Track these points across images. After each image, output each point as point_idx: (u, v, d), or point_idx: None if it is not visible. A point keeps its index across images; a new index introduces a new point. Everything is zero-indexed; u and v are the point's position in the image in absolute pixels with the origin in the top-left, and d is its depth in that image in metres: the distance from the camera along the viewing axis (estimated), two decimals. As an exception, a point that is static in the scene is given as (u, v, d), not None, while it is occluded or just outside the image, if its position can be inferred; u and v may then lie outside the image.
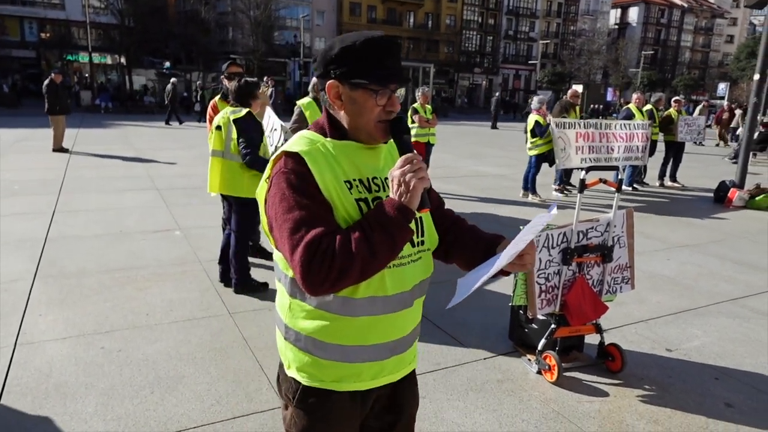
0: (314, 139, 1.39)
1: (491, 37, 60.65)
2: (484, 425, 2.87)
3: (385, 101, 1.36)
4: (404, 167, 1.28)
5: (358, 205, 1.35)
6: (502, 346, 3.75)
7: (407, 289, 1.44)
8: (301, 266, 1.23)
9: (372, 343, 1.44)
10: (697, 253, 6.28)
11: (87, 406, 2.88)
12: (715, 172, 12.77)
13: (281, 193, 1.30)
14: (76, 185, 8.71)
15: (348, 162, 1.38)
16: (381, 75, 1.34)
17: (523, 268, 1.46)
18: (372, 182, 1.41)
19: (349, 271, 1.23)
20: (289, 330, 1.46)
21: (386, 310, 1.42)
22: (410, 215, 1.28)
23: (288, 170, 1.31)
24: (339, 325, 1.39)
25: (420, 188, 1.28)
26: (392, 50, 1.37)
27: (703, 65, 76.32)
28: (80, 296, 4.29)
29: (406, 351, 1.54)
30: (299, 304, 1.42)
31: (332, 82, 1.36)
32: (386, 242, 1.26)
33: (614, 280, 3.55)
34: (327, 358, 1.43)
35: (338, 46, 1.35)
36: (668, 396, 3.21)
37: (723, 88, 50.71)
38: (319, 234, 1.24)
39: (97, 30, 36.81)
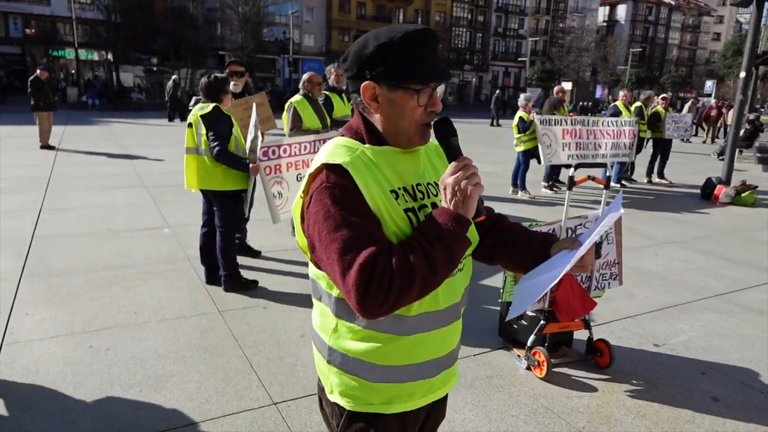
0: (353, 147, 1.28)
1: (481, 34, 60.73)
2: (473, 421, 2.89)
3: (426, 101, 1.26)
4: (457, 173, 1.19)
5: (408, 217, 1.26)
6: (492, 342, 3.76)
7: (458, 300, 1.38)
8: (357, 290, 1.12)
9: (423, 360, 1.36)
10: (684, 249, 6.35)
11: (75, 405, 2.85)
12: (702, 169, 12.91)
13: (326, 210, 1.19)
14: (63, 183, 8.62)
15: (390, 170, 1.28)
16: (422, 72, 1.24)
17: (582, 270, 1.38)
18: (416, 189, 1.32)
19: (408, 291, 1.14)
20: (335, 352, 1.36)
21: (438, 324, 1.35)
22: (467, 225, 1.20)
23: (331, 184, 1.20)
24: (391, 345, 1.31)
25: (476, 195, 1.20)
26: (432, 44, 1.27)
27: (690, 63, 77.00)
28: (68, 295, 4.26)
29: (453, 365, 1.48)
30: (346, 325, 1.32)
31: (368, 83, 1.26)
32: (445, 256, 1.18)
33: (602, 276, 3.58)
34: (376, 381, 1.33)
35: (373, 43, 1.24)
36: (656, 390, 3.24)
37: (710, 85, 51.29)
38: (373, 253, 1.14)
39: (84, 26, 36.36)
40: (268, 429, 2.75)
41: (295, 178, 4.61)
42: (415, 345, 1.33)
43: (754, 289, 5.09)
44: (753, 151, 16.88)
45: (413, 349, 1.33)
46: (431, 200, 1.33)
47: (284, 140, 4.74)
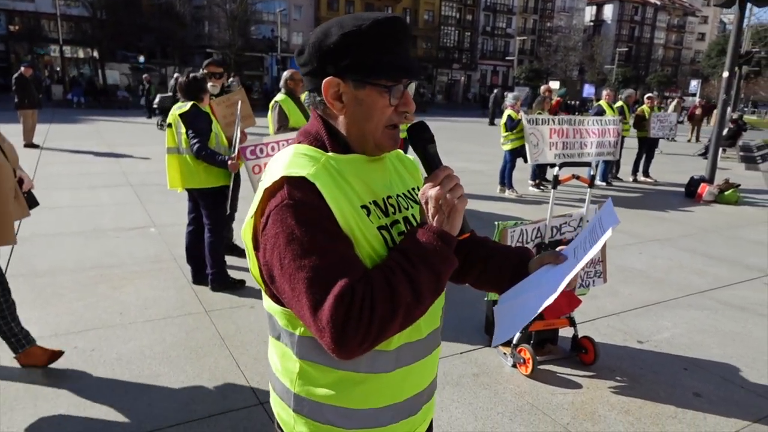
0: (315, 155, 1.09)
1: (469, 33, 60.92)
2: (460, 418, 2.91)
3: (398, 100, 1.10)
4: (441, 186, 1.04)
5: (382, 235, 1.09)
6: (478, 339, 3.79)
7: (438, 325, 1.24)
8: (334, 328, 0.94)
9: (406, 397, 1.19)
10: (668, 246, 6.43)
11: (59, 407, 2.83)
12: (686, 168, 13.06)
13: (289, 233, 0.99)
14: (47, 182, 8.51)
15: (359, 181, 1.10)
16: (394, 66, 1.07)
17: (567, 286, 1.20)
18: (387, 203, 1.15)
19: (391, 323, 0.98)
20: (302, 401, 1.15)
21: (421, 355, 1.19)
22: (454, 243, 1.05)
23: (295, 201, 1.00)
24: (369, 386, 1.13)
25: (462, 210, 1.06)
26: (405, 35, 1.10)
27: (675, 62, 77.86)
28: (53, 295, 4.21)
29: (433, 397, 1.31)
30: (314, 366, 1.12)
31: (330, 79, 1.07)
32: (431, 280, 1.01)
33: (587, 274, 3.62)
34: (354, 427, 1.15)
35: (337, 32, 1.06)
36: (639, 386, 3.29)
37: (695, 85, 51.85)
38: (349, 283, 0.96)
39: (68, 22, 35.94)
40: (254, 429, 2.75)
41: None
42: (396, 382, 1.15)
43: (736, 286, 5.17)
44: (736, 150, 17.13)
45: (396, 387, 1.16)
46: (402, 215, 1.17)
47: (270, 138, 4.73)
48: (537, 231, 3.37)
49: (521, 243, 3.34)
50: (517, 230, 3.30)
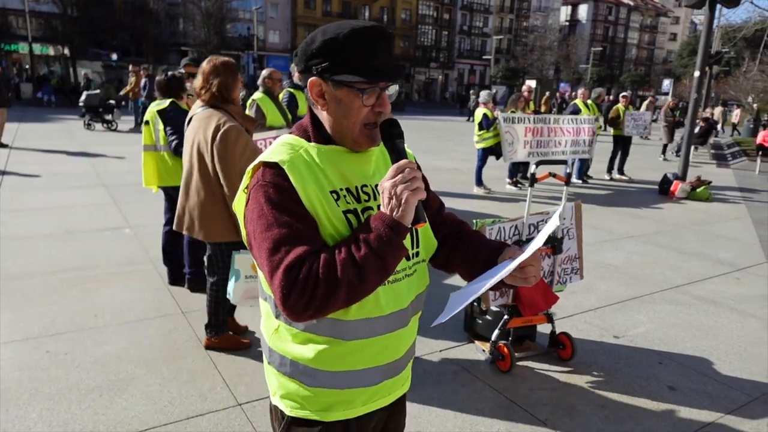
0: (296, 144, 1.26)
1: (446, 32, 61.20)
2: (440, 416, 2.92)
3: (373, 101, 1.21)
4: (396, 177, 1.14)
5: (347, 218, 1.22)
6: (457, 337, 3.81)
7: (404, 307, 1.33)
8: (281, 291, 1.11)
9: (364, 367, 1.31)
10: (643, 243, 6.55)
11: (31, 411, 2.76)
12: (660, 165, 13.33)
13: (259, 209, 1.17)
14: (18, 182, 8.30)
15: (334, 170, 1.24)
16: (369, 71, 1.18)
17: (525, 282, 1.28)
18: (361, 191, 1.28)
19: (334, 297, 1.11)
20: (274, 354, 1.34)
21: (382, 330, 1.29)
22: (404, 232, 1.15)
23: (266, 183, 1.18)
24: (329, 350, 1.27)
25: (414, 201, 1.15)
26: (382, 42, 1.21)
27: (648, 62, 79.34)
28: (24, 299, 4.11)
29: (400, 373, 1.42)
30: (286, 327, 1.29)
31: (314, 79, 1.22)
32: (376, 263, 1.13)
33: (564, 270, 3.67)
34: (315, 386, 1.30)
35: (320, 38, 1.20)
36: (615, 381, 3.34)
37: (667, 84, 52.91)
38: (300, 255, 1.12)
39: (38, 19, 35.02)
40: (233, 430, 2.72)
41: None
42: (354, 351, 1.28)
43: (709, 281, 5.29)
44: (707, 148, 17.53)
45: (352, 356, 1.28)
46: (378, 202, 1.27)
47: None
48: (515, 228, 3.40)
49: (499, 240, 3.36)
50: (495, 228, 3.32)
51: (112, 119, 16.33)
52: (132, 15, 37.85)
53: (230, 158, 3.00)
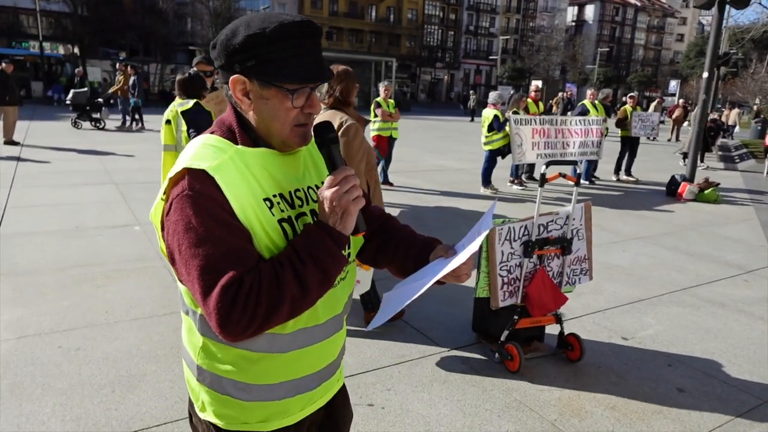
0: (223, 148, 1.13)
1: (452, 32, 61.16)
2: (448, 416, 2.93)
3: (303, 102, 1.13)
4: (335, 187, 1.09)
5: (282, 228, 1.14)
6: (466, 337, 3.82)
7: (339, 312, 1.30)
8: (218, 314, 1.02)
9: (301, 375, 1.27)
10: (651, 244, 6.53)
11: (44, 406, 2.79)
12: (667, 166, 13.28)
13: (186, 222, 1.05)
14: (28, 179, 8.37)
15: (266, 175, 1.14)
16: (298, 70, 1.10)
17: (457, 280, 1.26)
18: (295, 196, 1.19)
19: (276, 313, 1.05)
20: (204, 372, 1.24)
21: (318, 339, 1.26)
22: (345, 242, 1.12)
23: (194, 193, 1.06)
24: (265, 364, 1.21)
25: (356, 212, 1.11)
26: (312, 38, 1.13)
27: (655, 63, 79.03)
28: (35, 294, 4.14)
29: (335, 373, 1.40)
30: (214, 343, 1.20)
31: (237, 77, 1.12)
32: (318, 276, 1.08)
33: (573, 271, 3.66)
34: (251, 400, 1.24)
35: (243, 33, 1.09)
36: (624, 383, 3.34)
37: (674, 85, 52.69)
38: (238, 274, 1.03)
39: (48, 18, 35.23)
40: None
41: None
42: (292, 361, 1.23)
43: (717, 283, 5.27)
44: (715, 150, 17.44)
45: (290, 366, 1.24)
46: (311, 206, 1.22)
47: None
48: (524, 229, 3.40)
49: (509, 241, 3.36)
50: (504, 228, 3.33)
51: (100, 118, 15.92)
52: (141, 14, 37.96)
53: (349, 152, 3.26)
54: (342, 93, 3.35)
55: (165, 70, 37.45)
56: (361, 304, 3.94)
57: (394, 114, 8.86)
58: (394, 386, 3.17)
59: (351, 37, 53.37)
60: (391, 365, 3.40)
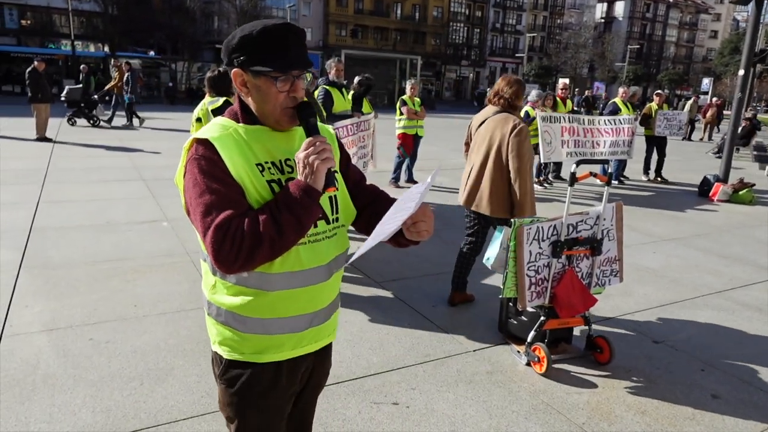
0: (226, 125, 1.44)
1: (478, 29, 60.63)
2: (474, 416, 2.89)
3: (287, 87, 1.40)
4: (308, 149, 1.35)
5: (271, 187, 1.40)
6: (491, 337, 3.77)
7: (323, 263, 1.50)
8: (213, 247, 1.29)
9: (290, 315, 1.50)
10: (682, 246, 6.37)
11: (75, 397, 2.85)
12: (699, 167, 12.94)
13: (193, 179, 1.35)
14: (60, 175, 8.57)
15: (260, 146, 1.43)
16: (280, 62, 1.37)
17: (419, 236, 1.48)
18: (285, 164, 1.46)
19: (258, 250, 1.29)
20: (211, 306, 1.54)
21: (303, 283, 1.47)
22: (315, 195, 1.35)
23: (198, 156, 1.36)
24: (257, 300, 1.46)
25: (323, 169, 1.35)
26: (291, 37, 1.39)
27: (687, 60, 77.11)
28: (67, 288, 4.24)
29: (325, 323, 1.61)
30: (221, 281, 1.49)
31: (236, 70, 1.41)
32: (292, 222, 1.32)
33: (603, 272, 3.59)
34: (247, 332, 1.49)
35: (238, 35, 1.40)
36: (655, 387, 3.25)
37: (707, 83, 51.37)
38: (228, 216, 1.29)
39: (80, 18, 36.08)
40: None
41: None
42: (280, 300, 1.46)
43: (752, 287, 5.11)
44: (750, 149, 16.93)
45: (279, 304, 1.47)
46: None
47: None
48: (553, 228, 3.33)
49: (537, 240, 3.30)
50: (533, 228, 3.27)
51: (95, 114, 15.57)
52: (169, 13, 38.61)
53: (521, 150, 3.74)
54: (511, 97, 3.90)
55: (192, 68, 38.02)
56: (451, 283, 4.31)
57: (419, 112, 8.81)
58: (419, 385, 3.15)
59: (376, 35, 53.34)
60: (415, 364, 3.38)
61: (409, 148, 8.90)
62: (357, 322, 3.89)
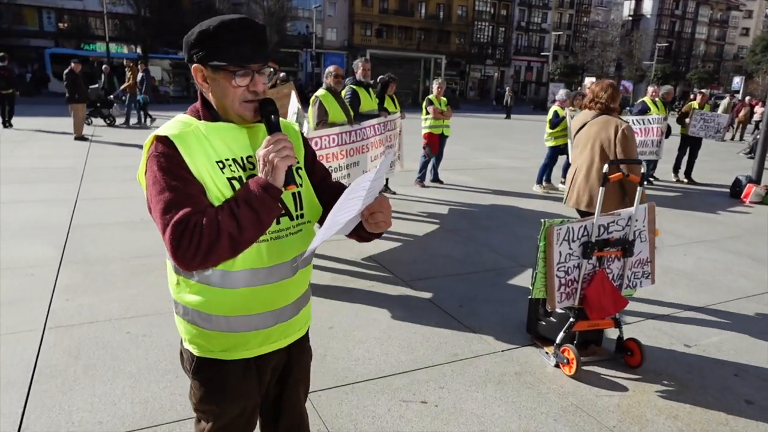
0: (188, 122, 1.44)
1: (503, 28, 60.13)
2: (503, 417, 2.90)
3: (246, 82, 1.40)
4: (268, 147, 1.35)
5: (231, 184, 1.40)
6: (519, 338, 3.77)
7: (287, 260, 1.51)
8: (171, 244, 1.29)
9: (255, 312, 1.51)
10: (714, 248, 6.25)
11: (115, 388, 2.94)
12: (731, 167, 12.65)
13: (153, 176, 1.35)
14: (97, 173, 8.81)
15: (221, 143, 1.43)
16: (238, 56, 1.37)
17: (378, 227, 1.47)
18: (247, 161, 1.46)
19: (217, 246, 1.29)
20: (178, 305, 1.55)
21: (266, 280, 1.48)
22: (275, 192, 1.35)
23: (158, 153, 1.36)
24: (221, 298, 1.47)
25: (283, 167, 1.35)
26: (249, 31, 1.39)
27: (717, 58, 75.25)
28: (105, 282, 4.37)
29: (293, 318, 1.62)
30: (184, 280, 1.50)
31: (196, 65, 1.42)
32: (252, 218, 1.32)
33: (634, 274, 3.56)
34: (213, 329, 1.50)
35: (197, 30, 1.40)
36: (687, 392, 3.22)
37: (738, 81, 50.07)
38: (187, 213, 1.29)
39: (114, 20, 36.95)
40: (301, 418, 2.80)
41: (325, 171, 4.67)
42: (244, 298, 1.47)
43: (787, 291, 4.99)
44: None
45: (243, 302, 1.48)
46: None
47: (312, 133, 4.78)
48: (584, 229, 3.32)
49: (567, 241, 3.29)
50: (563, 228, 3.26)
51: (110, 114, 15.81)
52: (198, 15, 39.21)
53: (629, 150, 3.95)
54: (608, 100, 4.11)
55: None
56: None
57: (446, 111, 8.81)
58: (447, 384, 3.17)
59: (400, 35, 53.33)
60: (443, 363, 3.40)
61: (434, 147, 8.90)
62: (385, 321, 3.93)
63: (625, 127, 3.96)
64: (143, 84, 15.63)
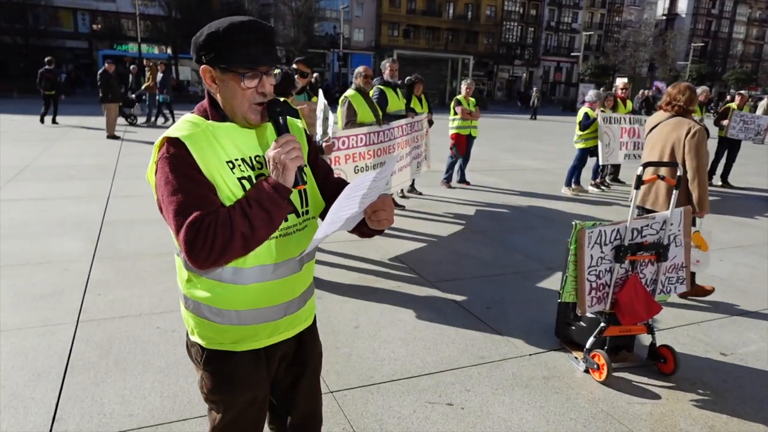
0: (197, 122, 1.46)
1: (532, 28, 59.42)
2: (531, 421, 2.85)
3: (254, 84, 1.41)
4: (278, 148, 1.37)
5: (241, 184, 1.43)
6: (547, 342, 3.71)
7: (295, 256, 1.55)
8: (186, 245, 1.31)
9: (264, 306, 1.55)
10: (751, 254, 6.05)
11: (145, 381, 2.99)
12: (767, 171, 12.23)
13: (165, 177, 1.37)
14: (128, 171, 9.00)
15: (230, 143, 1.45)
16: (247, 58, 1.39)
17: (380, 225, 1.51)
18: (255, 161, 1.48)
19: (230, 245, 1.32)
20: (188, 300, 1.57)
21: (275, 276, 1.53)
22: (285, 192, 1.38)
23: (170, 155, 1.37)
24: (232, 293, 1.50)
25: (293, 167, 1.38)
26: (258, 33, 1.40)
27: (756, 58, 72.93)
28: (136, 278, 4.45)
29: (299, 310, 1.67)
30: (195, 276, 1.53)
31: (204, 67, 1.43)
32: (264, 218, 1.35)
33: (668, 279, 3.46)
34: (224, 323, 1.54)
35: (206, 32, 1.42)
36: (724, 402, 3.11)
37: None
38: (200, 214, 1.31)
39: (145, 21, 37.81)
40: (324, 417, 2.79)
41: (353, 170, 4.66)
42: (254, 293, 1.52)
43: (830, 300, 4.79)
44: (826, 154, 15.84)
45: (253, 297, 1.52)
46: None
47: (341, 132, 4.78)
48: (616, 233, 3.24)
49: (599, 245, 3.22)
50: (595, 231, 3.19)
51: (132, 113, 15.90)
52: (228, 15, 39.78)
53: (699, 151, 4.02)
54: (685, 103, 4.17)
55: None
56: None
57: (474, 112, 8.74)
58: (474, 387, 3.13)
59: (428, 35, 53.20)
60: (470, 366, 3.36)
61: (462, 148, 8.83)
62: (411, 321, 3.91)
63: (697, 128, 4.00)
64: (164, 84, 15.81)
